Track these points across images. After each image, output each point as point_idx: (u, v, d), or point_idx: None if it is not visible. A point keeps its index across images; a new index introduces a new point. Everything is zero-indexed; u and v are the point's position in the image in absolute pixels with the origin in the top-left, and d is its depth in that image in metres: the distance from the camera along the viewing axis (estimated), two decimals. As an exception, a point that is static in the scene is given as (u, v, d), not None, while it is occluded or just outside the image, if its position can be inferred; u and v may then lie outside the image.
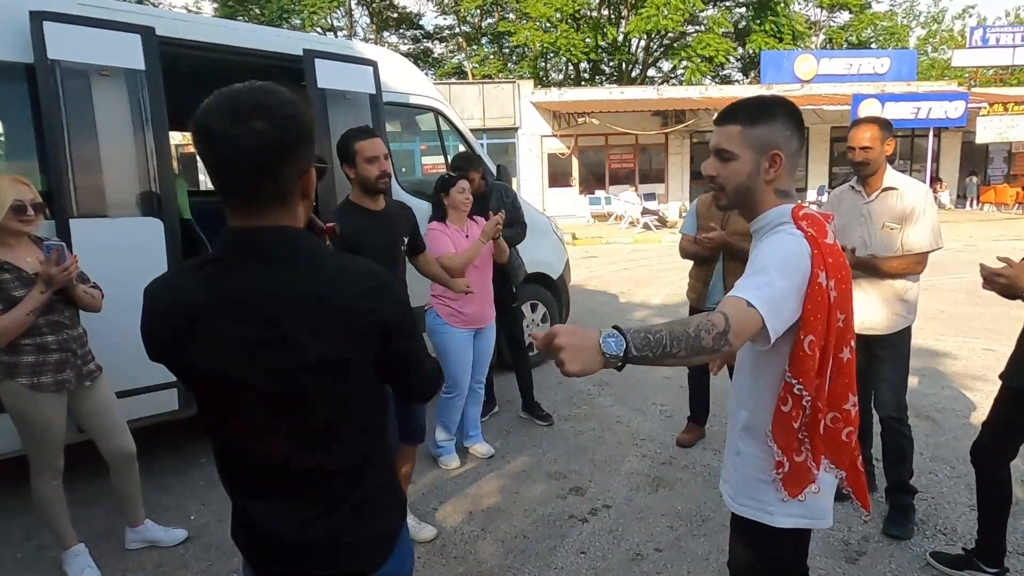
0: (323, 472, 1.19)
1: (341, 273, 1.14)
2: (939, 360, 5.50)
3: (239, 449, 1.20)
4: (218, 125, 1.03)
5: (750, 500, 1.60)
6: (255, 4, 27.92)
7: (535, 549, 2.92)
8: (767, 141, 1.48)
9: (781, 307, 1.36)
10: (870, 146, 2.79)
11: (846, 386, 1.51)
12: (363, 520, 1.23)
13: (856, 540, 2.90)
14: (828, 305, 1.42)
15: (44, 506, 2.68)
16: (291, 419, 1.15)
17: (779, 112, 1.50)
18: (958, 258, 10.50)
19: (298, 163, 1.11)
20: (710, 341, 1.26)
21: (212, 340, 1.11)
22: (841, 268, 1.45)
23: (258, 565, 1.27)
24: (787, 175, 1.52)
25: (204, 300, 1.11)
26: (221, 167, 1.07)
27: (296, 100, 1.11)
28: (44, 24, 3.03)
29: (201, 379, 1.16)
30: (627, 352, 1.17)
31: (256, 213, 1.10)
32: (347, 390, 1.17)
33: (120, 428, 2.80)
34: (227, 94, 1.06)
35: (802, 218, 1.47)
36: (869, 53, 24.27)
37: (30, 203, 2.47)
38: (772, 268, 1.39)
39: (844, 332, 1.47)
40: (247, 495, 1.23)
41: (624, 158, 21.98)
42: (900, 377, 2.96)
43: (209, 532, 3.12)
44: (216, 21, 5.05)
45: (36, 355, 2.50)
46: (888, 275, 2.84)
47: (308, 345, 1.09)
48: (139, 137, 3.39)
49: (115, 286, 2.95)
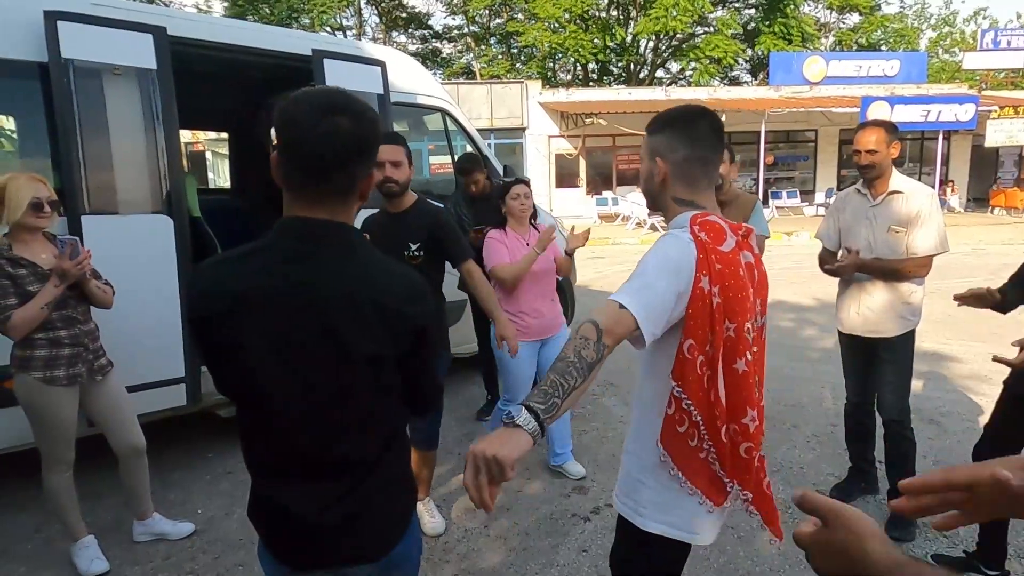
0: (347, 461, 1.24)
1: (389, 275, 1.22)
2: (944, 364, 5.50)
3: (270, 435, 1.24)
4: (307, 118, 1.12)
5: (627, 498, 1.60)
6: (264, 3, 28.05)
7: (537, 547, 2.94)
8: (650, 149, 1.56)
9: (657, 309, 1.35)
10: (876, 149, 2.80)
11: (744, 399, 1.45)
12: (378, 504, 1.29)
13: (857, 542, 2.90)
14: (711, 311, 1.40)
15: (54, 498, 2.73)
16: (326, 412, 1.20)
17: (670, 123, 1.54)
18: (965, 262, 10.46)
19: (367, 163, 1.21)
20: (592, 354, 1.27)
21: (260, 327, 1.16)
22: (732, 277, 1.41)
23: (275, 543, 1.31)
24: (680, 184, 1.53)
25: (256, 286, 1.17)
26: (303, 156, 1.15)
27: (375, 112, 1.24)
28: (58, 23, 3.08)
29: (242, 364, 1.19)
30: (537, 416, 1.15)
31: (320, 205, 1.18)
32: (379, 387, 1.23)
33: (130, 422, 2.85)
34: (316, 92, 1.17)
35: (699, 225, 1.45)
36: (879, 55, 24.18)
37: (46, 200, 2.52)
38: (649, 270, 1.40)
39: (736, 343, 1.42)
40: (270, 476, 1.28)
41: (632, 159, 21.94)
42: (903, 380, 2.97)
43: (215, 526, 3.16)
44: (227, 21, 5.10)
45: (49, 349, 2.55)
46: (893, 279, 2.85)
47: (354, 342, 1.16)
48: (150, 135, 3.44)
49: (126, 282, 3.00)
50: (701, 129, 1.52)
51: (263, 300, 1.16)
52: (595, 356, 1.27)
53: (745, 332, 1.43)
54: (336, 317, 1.15)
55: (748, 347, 1.44)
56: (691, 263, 1.40)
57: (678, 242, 1.44)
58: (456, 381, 5.23)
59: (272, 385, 1.19)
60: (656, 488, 1.53)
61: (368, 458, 1.26)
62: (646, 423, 1.55)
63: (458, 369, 5.30)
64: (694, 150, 1.51)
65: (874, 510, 3.16)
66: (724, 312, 1.41)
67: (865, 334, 2.95)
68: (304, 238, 1.18)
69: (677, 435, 1.48)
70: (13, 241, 2.53)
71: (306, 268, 1.16)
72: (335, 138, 1.13)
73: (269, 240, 1.20)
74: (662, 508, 1.53)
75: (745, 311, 1.43)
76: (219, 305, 1.18)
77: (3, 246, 2.50)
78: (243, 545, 2.99)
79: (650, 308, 1.34)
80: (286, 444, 1.23)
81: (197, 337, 1.23)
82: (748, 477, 1.49)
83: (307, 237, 1.18)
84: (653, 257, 1.43)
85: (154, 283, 3.38)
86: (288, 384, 1.18)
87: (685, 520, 1.53)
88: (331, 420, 1.21)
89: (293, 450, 1.23)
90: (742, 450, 1.46)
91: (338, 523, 1.25)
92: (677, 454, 1.49)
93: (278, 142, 1.17)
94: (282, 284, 1.16)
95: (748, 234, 1.53)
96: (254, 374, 1.19)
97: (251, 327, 1.17)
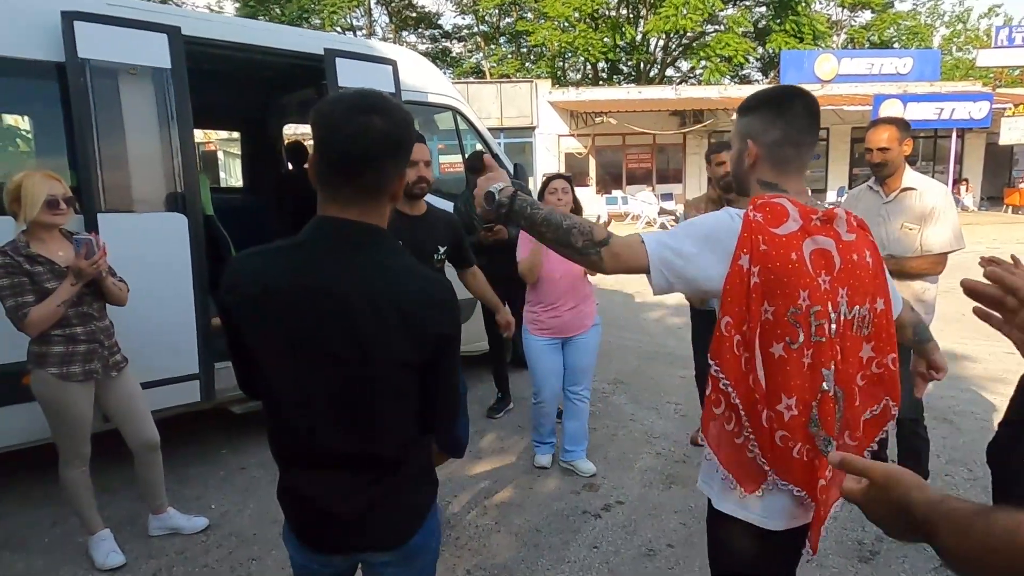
0: (371, 456, 1.28)
1: (416, 281, 1.23)
2: (959, 363, 5.45)
3: (291, 429, 1.27)
4: (340, 116, 1.15)
5: (705, 475, 1.60)
6: (275, 4, 28.19)
7: (548, 543, 2.95)
8: (742, 131, 1.52)
9: (675, 263, 1.39)
10: (888, 147, 2.79)
11: (780, 386, 1.39)
12: (397, 498, 1.32)
13: (870, 540, 2.89)
14: (747, 290, 1.37)
15: (71, 492, 2.76)
16: (349, 411, 1.23)
17: (763, 104, 1.50)
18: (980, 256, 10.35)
19: (399, 162, 1.23)
20: (579, 242, 1.39)
21: (284, 323, 1.19)
22: (779, 259, 1.35)
23: (298, 528, 1.36)
24: (767, 167, 1.49)
25: (287, 284, 1.19)
26: (335, 153, 1.17)
27: (410, 114, 1.26)
28: (75, 24, 3.12)
29: (263, 357, 1.23)
30: (512, 199, 1.41)
31: (352, 205, 1.20)
32: (399, 392, 1.24)
33: (145, 418, 2.88)
34: (351, 93, 1.19)
35: (757, 206, 1.42)
36: (891, 53, 23.98)
37: (62, 197, 2.55)
38: (686, 227, 1.44)
39: (775, 326, 1.37)
40: (292, 467, 1.33)
41: (641, 158, 21.92)
42: (917, 378, 2.94)
43: (230, 521, 3.19)
44: (240, 21, 5.13)
45: (65, 345, 2.58)
46: (907, 276, 2.84)
47: (375, 346, 1.18)
48: (165, 134, 3.48)
49: (140, 279, 3.03)
50: (796, 110, 1.47)
51: (289, 297, 1.18)
52: (579, 246, 1.39)
53: (789, 318, 1.37)
54: (359, 320, 1.17)
55: (789, 334, 1.37)
56: (731, 238, 1.38)
57: (723, 216, 1.44)
58: (468, 379, 5.24)
59: (292, 381, 1.22)
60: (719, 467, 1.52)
61: (386, 457, 1.28)
62: None
63: (469, 367, 5.31)
64: (787, 132, 1.47)
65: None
66: (763, 293, 1.37)
67: (878, 331, 2.94)
68: (334, 238, 1.21)
69: (714, 417, 1.47)
70: (30, 239, 2.56)
71: (334, 269, 1.18)
72: (366, 136, 1.15)
73: (303, 237, 1.23)
74: (735, 490, 1.48)
75: (790, 297, 1.36)
76: (248, 297, 1.21)
77: (21, 244, 2.53)
78: (257, 539, 3.01)
79: (666, 256, 1.38)
80: (305, 439, 1.26)
81: (225, 326, 1.27)
82: (789, 469, 1.41)
83: (337, 237, 1.21)
84: (693, 222, 1.46)
85: (169, 280, 3.41)
86: (307, 382, 1.21)
87: (754, 502, 1.46)
88: (347, 419, 1.23)
89: (312, 445, 1.26)
90: (777, 438, 1.41)
91: (358, 514, 1.29)
92: (713, 437, 1.49)
93: (313, 141, 1.20)
94: (309, 283, 1.18)
95: (831, 219, 1.43)
96: (275, 369, 1.23)
97: (275, 322, 1.19)
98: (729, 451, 1.47)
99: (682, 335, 6.50)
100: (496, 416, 4.50)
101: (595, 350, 3.65)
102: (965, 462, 3.62)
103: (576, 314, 3.51)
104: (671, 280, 1.40)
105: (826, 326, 1.39)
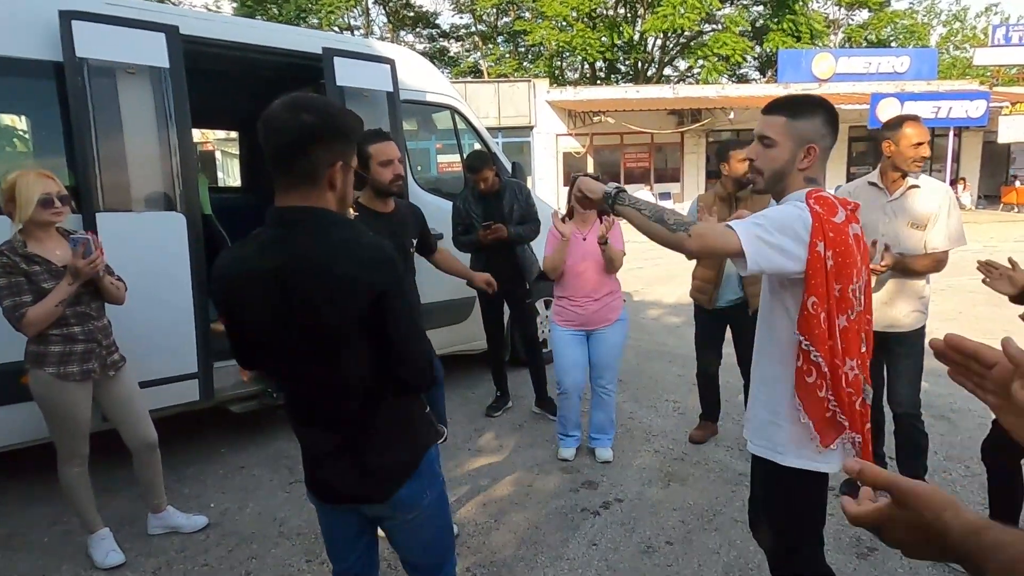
0: (335, 416, 1.47)
1: (353, 247, 1.36)
2: (956, 360, 5.45)
3: (287, 392, 1.53)
4: (274, 114, 1.34)
5: (763, 439, 1.81)
6: (273, 3, 28.16)
7: (547, 540, 2.96)
8: (805, 135, 1.67)
9: (763, 247, 1.57)
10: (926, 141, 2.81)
11: (844, 350, 1.66)
12: (374, 454, 1.49)
13: (868, 536, 2.90)
14: (825, 272, 1.61)
15: (70, 492, 2.76)
16: (309, 374, 1.43)
17: (821, 111, 1.69)
18: (977, 259, 10.36)
19: (329, 151, 1.36)
20: (672, 219, 1.63)
21: (251, 306, 1.40)
22: (842, 244, 1.61)
23: (307, 478, 1.60)
24: (818, 166, 1.71)
25: (245, 270, 1.39)
26: (270, 146, 1.35)
27: (346, 111, 1.44)
28: (73, 23, 3.11)
29: (245, 337, 1.48)
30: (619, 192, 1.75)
31: (293, 192, 1.37)
32: (351, 351, 1.39)
33: (143, 417, 2.88)
34: (290, 95, 1.37)
35: (814, 199, 1.63)
36: (888, 52, 24.00)
37: (56, 196, 2.54)
38: (767, 220, 1.61)
39: (840, 302, 1.64)
40: (294, 423, 1.56)
41: (639, 157, 21.92)
42: (916, 373, 2.97)
43: (229, 519, 3.19)
44: (238, 20, 5.13)
45: (63, 345, 2.58)
46: (914, 275, 2.85)
47: (323, 312, 1.34)
48: (163, 134, 3.47)
49: (139, 278, 3.03)
50: (837, 117, 1.72)
51: (250, 282, 1.38)
52: (671, 223, 1.62)
53: (850, 293, 1.64)
54: (307, 291, 1.33)
55: (851, 306, 1.66)
56: (805, 228, 1.59)
57: (795, 208, 1.63)
58: (466, 378, 5.25)
59: (268, 353, 1.46)
60: (789, 429, 1.75)
61: (353, 415, 1.45)
62: (773, 376, 1.79)
63: (468, 366, 5.33)
64: (835, 137, 1.73)
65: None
66: (836, 274, 1.61)
67: (880, 328, 2.92)
68: (280, 224, 1.38)
69: (807, 385, 1.69)
70: (27, 238, 2.55)
71: (281, 250, 1.35)
72: (292, 128, 1.31)
73: (260, 228, 1.42)
74: (798, 444, 1.74)
75: (850, 276, 1.63)
76: (222, 288, 1.43)
77: (18, 243, 2.53)
78: (256, 538, 3.02)
79: (756, 240, 1.56)
80: (292, 399, 1.52)
81: (221, 317, 1.51)
82: (853, 419, 1.71)
83: (279, 223, 1.39)
84: (771, 212, 1.64)
85: (167, 280, 3.41)
86: (279, 352, 1.43)
87: (815, 454, 1.74)
88: (314, 381, 1.43)
89: (297, 405, 1.51)
90: (845, 395, 1.68)
91: (343, 468, 1.50)
92: (808, 403, 1.70)
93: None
94: (264, 266, 1.36)
95: (856, 208, 1.71)
96: (256, 345, 1.47)
97: (244, 306, 1.41)
98: (818, 412, 1.69)
99: (681, 333, 6.51)
100: (495, 414, 4.51)
101: (620, 344, 3.74)
102: (963, 459, 3.62)
103: (600, 307, 3.61)
104: (762, 264, 1.58)
105: (861, 297, 1.70)
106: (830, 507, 1.79)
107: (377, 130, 2.93)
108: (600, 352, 3.68)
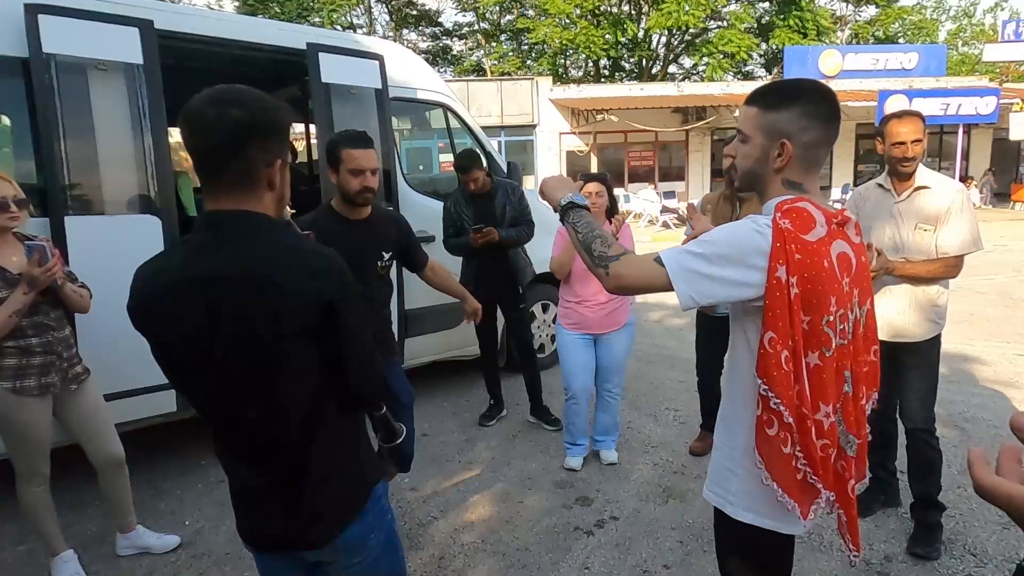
0: (272, 446, 1.27)
1: (292, 254, 1.21)
2: (968, 365, 5.27)
3: (211, 421, 1.31)
4: (197, 111, 1.15)
5: (717, 487, 1.54)
6: (275, 2, 28.05)
7: (537, 563, 2.79)
8: (777, 128, 1.39)
9: (697, 281, 1.33)
10: (921, 139, 2.62)
11: (817, 394, 1.36)
12: (314, 494, 1.30)
13: (878, 560, 2.73)
14: (788, 302, 1.31)
15: (31, 512, 2.61)
16: (245, 395, 1.23)
17: (801, 99, 1.38)
18: (988, 259, 10.16)
19: (266, 150, 1.20)
20: (599, 249, 1.42)
21: (175, 320, 1.19)
22: (813, 268, 1.30)
23: (239, 526, 1.39)
24: (799, 166, 1.40)
25: (170, 280, 1.20)
26: (197, 147, 1.17)
27: (278, 103, 1.24)
28: (39, 17, 2.96)
29: (166, 355, 1.25)
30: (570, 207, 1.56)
31: (226, 196, 1.19)
32: (294, 363, 1.22)
33: (107, 432, 2.72)
34: (213, 88, 1.18)
35: (783, 212, 1.34)
36: (896, 48, 23.73)
37: (12, 199, 2.40)
38: (710, 244, 1.35)
39: (810, 336, 1.34)
40: (224, 460, 1.36)
41: (644, 155, 21.72)
42: (929, 387, 2.78)
43: (203, 539, 3.04)
44: (217, 14, 4.98)
45: (19, 358, 2.43)
46: (921, 280, 2.66)
47: (258, 324, 1.17)
48: (137, 133, 3.31)
49: (111, 285, 2.85)
50: (831, 107, 1.40)
51: (173, 294, 1.19)
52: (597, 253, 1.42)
53: (823, 325, 1.33)
54: (240, 303, 1.17)
55: (825, 341, 1.34)
56: (762, 252, 1.31)
57: (750, 227, 1.35)
58: (459, 385, 5.10)
59: (193, 373, 1.25)
60: (744, 478, 1.46)
61: (293, 444, 1.27)
62: (733, 416, 1.50)
63: (461, 373, 5.17)
64: (825, 133, 1.39)
65: (895, 524, 2.98)
66: (801, 304, 1.32)
67: (889, 338, 2.73)
68: (209, 230, 1.21)
69: (768, 439, 1.38)
70: (-18, 244, 2.41)
71: (211, 258, 1.18)
72: (221, 126, 1.14)
73: (189, 235, 1.25)
74: (752, 497, 1.45)
75: (824, 305, 1.32)
76: (140, 302, 1.22)
77: (-29, 250, 2.38)
78: (229, 560, 2.86)
79: (687, 273, 1.33)
80: (221, 429, 1.30)
81: (138, 329, 1.25)
82: (829, 477, 1.39)
83: (211, 229, 1.21)
84: (716, 234, 1.37)
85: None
86: (205, 371, 1.22)
87: (775, 510, 1.43)
88: (245, 406, 1.24)
89: (227, 435, 1.30)
90: (819, 448, 1.36)
91: (277, 509, 1.31)
92: (770, 462, 1.39)
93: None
94: (190, 276, 1.18)
95: (845, 222, 1.41)
96: (178, 363, 1.25)
97: (167, 321, 1.20)
98: (785, 474, 1.38)
99: (683, 336, 6.34)
100: (488, 424, 4.34)
101: (626, 349, 3.67)
102: (978, 473, 3.44)
103: (606, 312, 3.53)
104: (699, 300, 1.34)
105: (847, 328, 1.39)
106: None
107: (360, 134, 2.62)
108: (608, 357, 3.61)
